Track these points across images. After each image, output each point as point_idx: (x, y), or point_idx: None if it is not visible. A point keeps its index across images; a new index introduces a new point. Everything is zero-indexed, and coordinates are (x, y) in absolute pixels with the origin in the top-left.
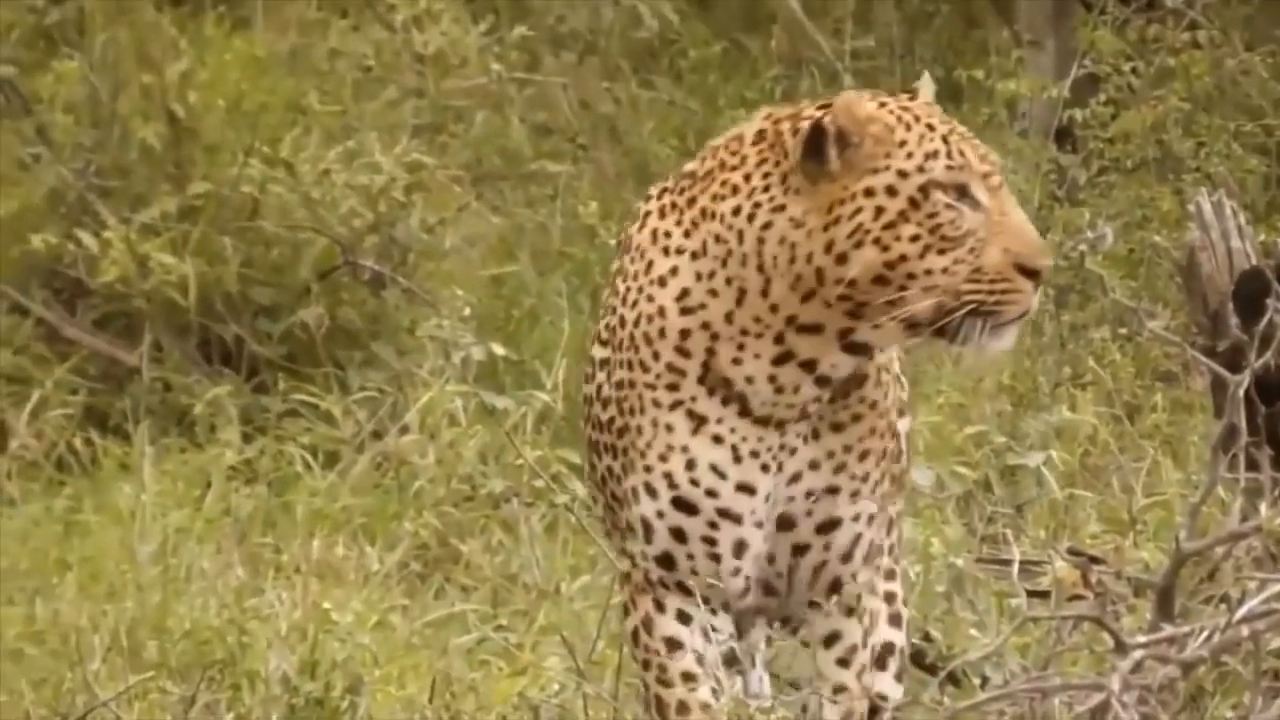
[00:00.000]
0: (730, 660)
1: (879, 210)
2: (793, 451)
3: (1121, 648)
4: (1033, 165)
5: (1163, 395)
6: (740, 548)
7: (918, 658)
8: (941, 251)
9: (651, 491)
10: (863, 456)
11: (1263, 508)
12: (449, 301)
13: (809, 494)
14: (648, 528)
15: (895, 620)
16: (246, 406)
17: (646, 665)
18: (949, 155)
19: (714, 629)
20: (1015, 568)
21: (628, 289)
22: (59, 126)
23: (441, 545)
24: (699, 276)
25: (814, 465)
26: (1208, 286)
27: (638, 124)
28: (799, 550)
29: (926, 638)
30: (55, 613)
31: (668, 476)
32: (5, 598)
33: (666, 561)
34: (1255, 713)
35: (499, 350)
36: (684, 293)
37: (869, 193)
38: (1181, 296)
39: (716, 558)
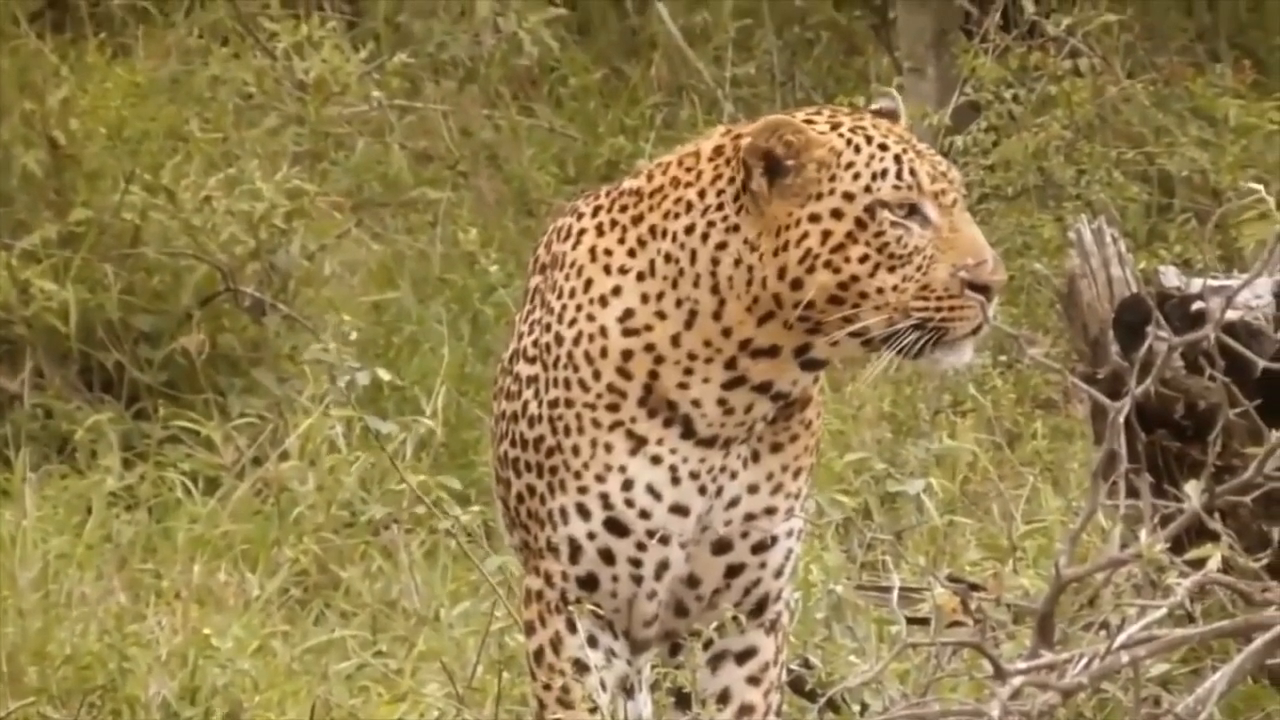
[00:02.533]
0: (624, 685)
1: (826, 234)
2: (733, 475)
3: (1001, 674)
4: None
5: (1043, 422)
6: (662, 569)
7: (797, 684)
8: (891, 269)
9: (584, 512)
10: (796, 474)
11: (1142, 534)
12: (332, 326)
13: (748, 517)
14: (575, 548)
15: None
16: (127, 433)
17: (548, 686)
18: (898, 175)
19: (614, 653)
20: (895, 594)
21: (564, 306)
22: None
23: (321, 571)
24: (645, 298)
25: (753, 489)
26: (1088, 314)
27: (518, 151)
28: (733, 571)
29: (806, 664)
30: None
31: (603, 497)
32: None
33: (589, 583)
34: None
35: (384, 375)
36: (627, 313)
37: (814, 218)
38: (1062, 324)
39: (638, 579)
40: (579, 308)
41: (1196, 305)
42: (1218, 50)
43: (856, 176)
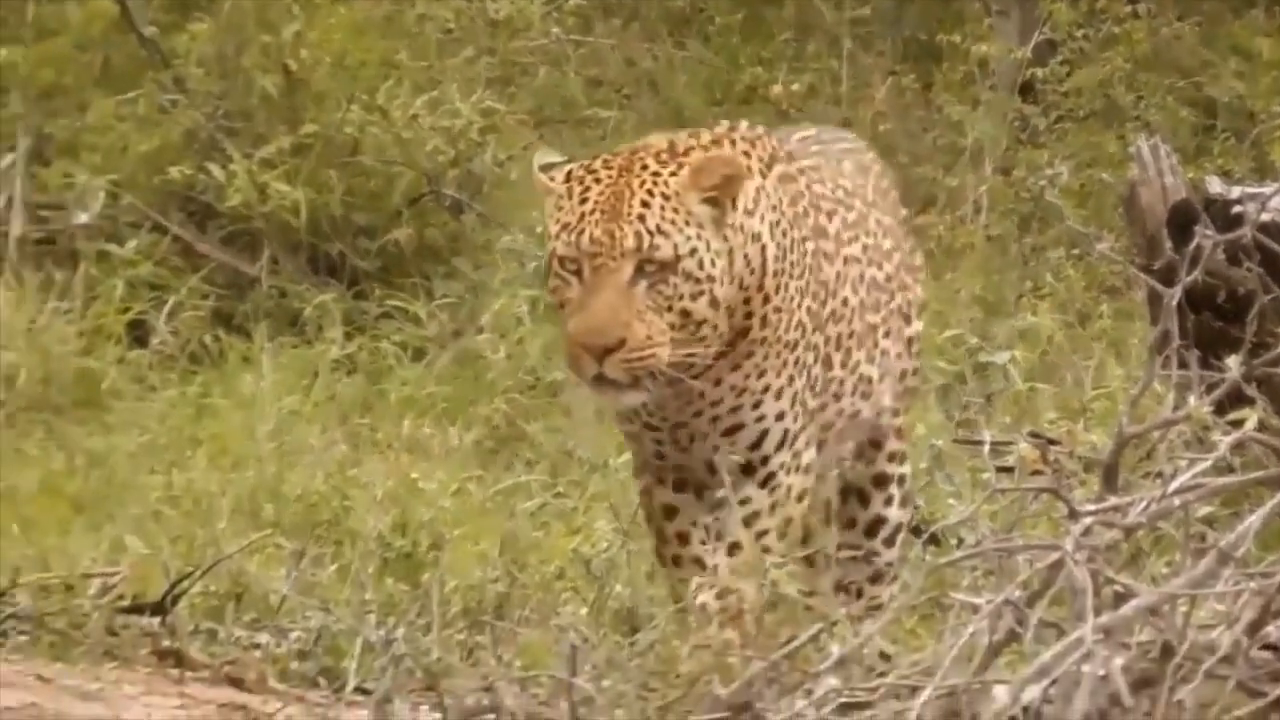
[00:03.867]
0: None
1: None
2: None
3: (1074, 515)
4: (1000, 115)
5: (1108, 305)
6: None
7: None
8: (560, 308)
9: None
10: (761, 374)
11: (1190, 399)
12: (519, 222)
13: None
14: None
15: (889, 501)
16: (348, 310)
17: (649, 520)
18: (567, 232)
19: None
20: (986, 448)
21: None
22: (192, 77)
23: (510, 426)
24: None
25: (717, 399)
26: (1146, 215)
27: (673, 78)
28: (714, 449)
29: (914, 505)
30: (189, 481)
31: None
32: (147, 468)
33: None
34: (1185, 569)
35: None
36: None
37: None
38: (1124, 224)
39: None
40: None
41: (1236, 209)
42: None
43: (555, 224)
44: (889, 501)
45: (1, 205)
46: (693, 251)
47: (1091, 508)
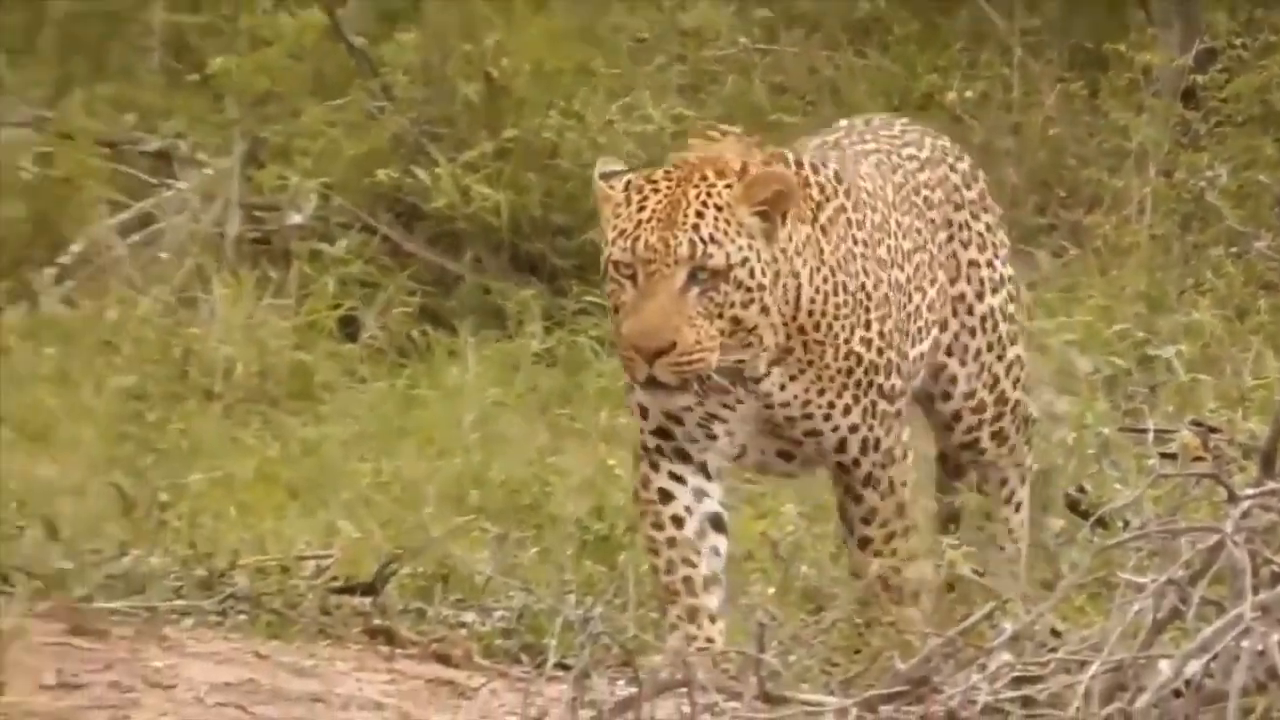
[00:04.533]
0: (716, 519)
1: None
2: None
3: (1233, 498)
4: (1163, 120)
5: (1266, 300)
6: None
7: (1074, 505)
8: (615, 312)
9: None
10: (821, 393)
11: None
12: None
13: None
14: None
15: (1021, 478)
16: (547, 306)
17: (644, 514)
18: (624, 238)
19: (704, 492)
20: (1150, 436)
21: None
22: (399, 85)
23: None
24: None
25: (785, 403)
26: None
27: (853, 85)
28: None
29: (1081, 490)
30: (397, 468)
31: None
32: (357, 456)
33: (663, 433)
34: None
35: None
36: None
37: None
38: None
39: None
40: None
41: None
42: None
43: (612, 231)
44: (1002, 474)
45: (219, 207)
46: (744, 261)
47: (1250, 492)
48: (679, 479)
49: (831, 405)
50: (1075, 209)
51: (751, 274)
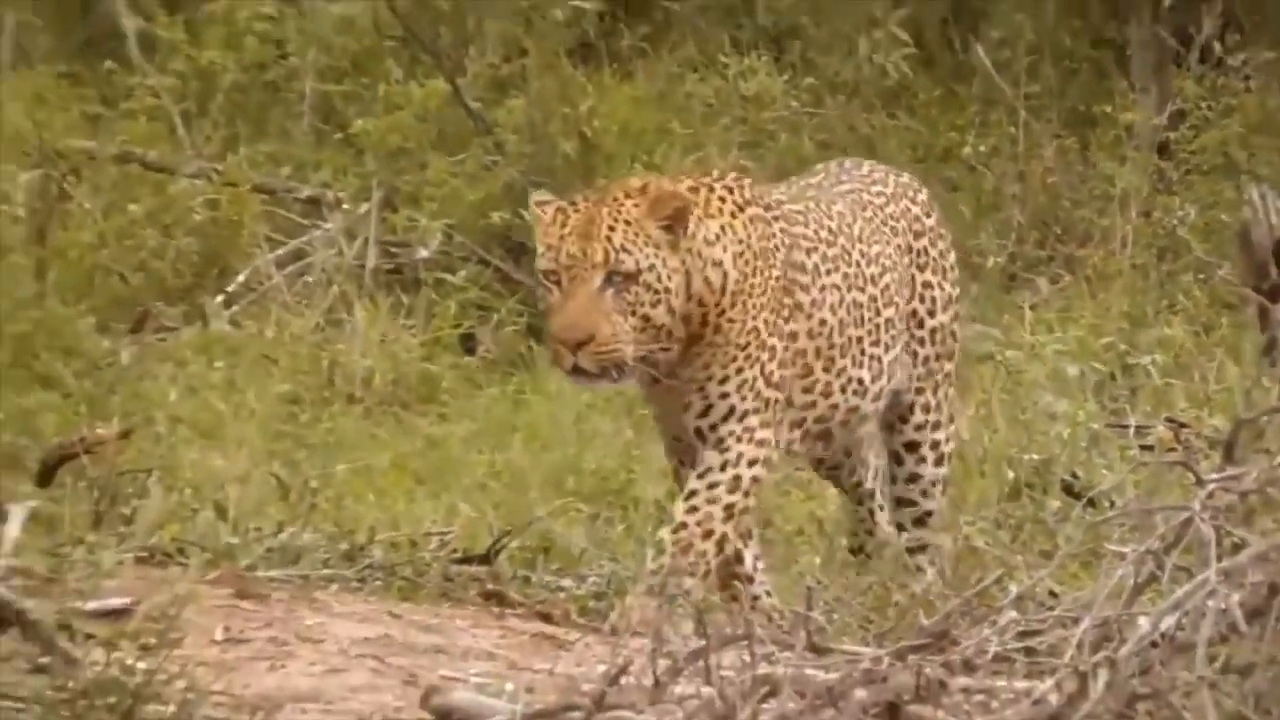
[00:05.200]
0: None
1: None
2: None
3: (1200, 482)
4: (1142, 169)
5: (1227, 318)
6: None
7: (1069, 489)
8: (547, 314)
9: None
10: (706, 366)
11: None
12: None
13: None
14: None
15: (921, 460)
16: None
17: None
18: (550, 250)
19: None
20: (1132, 430)
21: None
22: (509, 142)
23: None
24: None
25: (687, 381)
26: (1257, 247)
27: (885, 141)
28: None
29: (1074, 476)
30: (508, 460)
31: None
32: (475, 450)
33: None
34: None
35: None
36: None
37: None
38: (1239, 254)
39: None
40: None
41: None
42: None
43: (541, 244)
44: (921, 461)
45: (360, 244)
46: (651, 267)
47: (1215, 477)
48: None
49: (709, 378)
50: (1069, 243)
51: (658, 278)
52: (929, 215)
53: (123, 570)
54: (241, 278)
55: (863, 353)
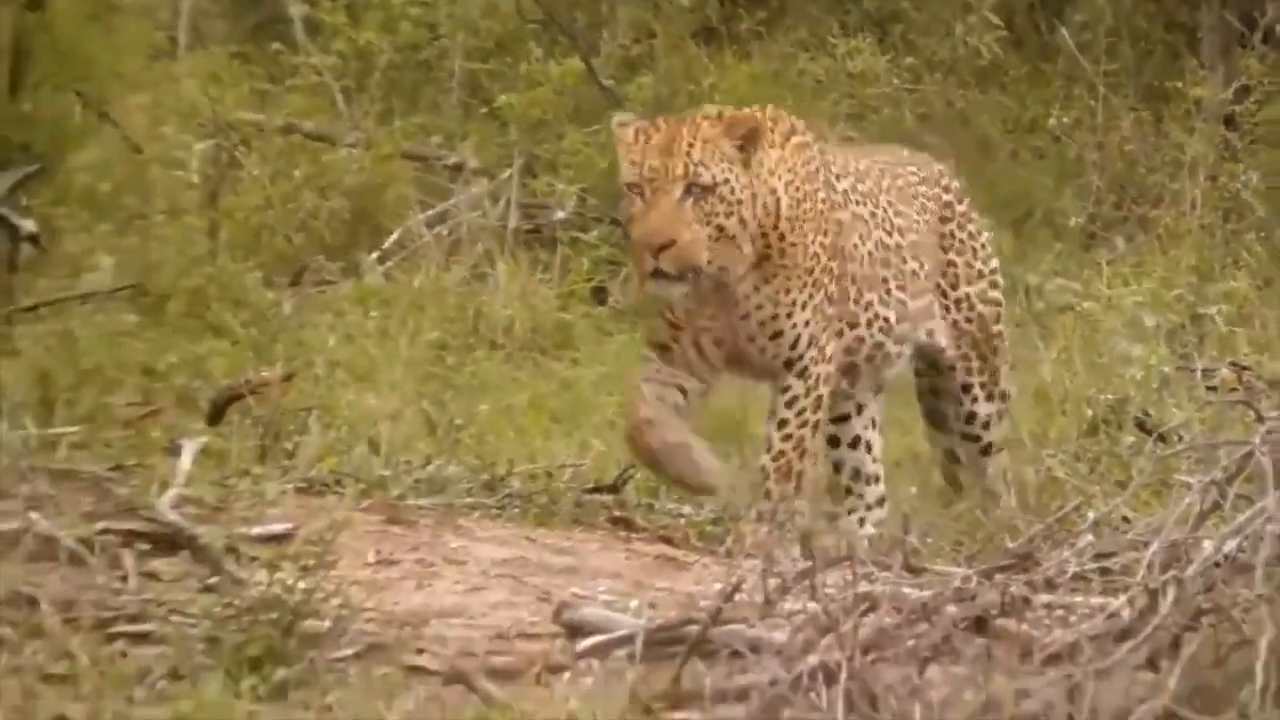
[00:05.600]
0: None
1: None
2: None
3: (1260, 419)
4: (1210, 139)
5: None
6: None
7: (1141, 425)
8: (629, 224)
9: None
10: (788, 291)
11: None
12: None
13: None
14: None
15: (974, 400)
16: None
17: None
18: (634, 165)
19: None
20: (1199, 373)
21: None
22: (639, 115)
23: None
24: None
25: (759, 306)
26: None
27: (978, 115)
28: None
29: (1147, 414)
30: None
31: None
32: (605, 391)
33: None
34: None
35: None
36: None
37: None
38: None
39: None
40: None
41: None
42: None
43: (624, 160)
44: (975, 400)
45: (503, 206)
46: (726, 181)
47: (1274, 414)
48: (662, 360)
49: (794, 303)
50: (1143, 205)
51: (732, 191)
52: (960, 202)
53: (284, 499)
54: (394, 236)
55: (889, 293)
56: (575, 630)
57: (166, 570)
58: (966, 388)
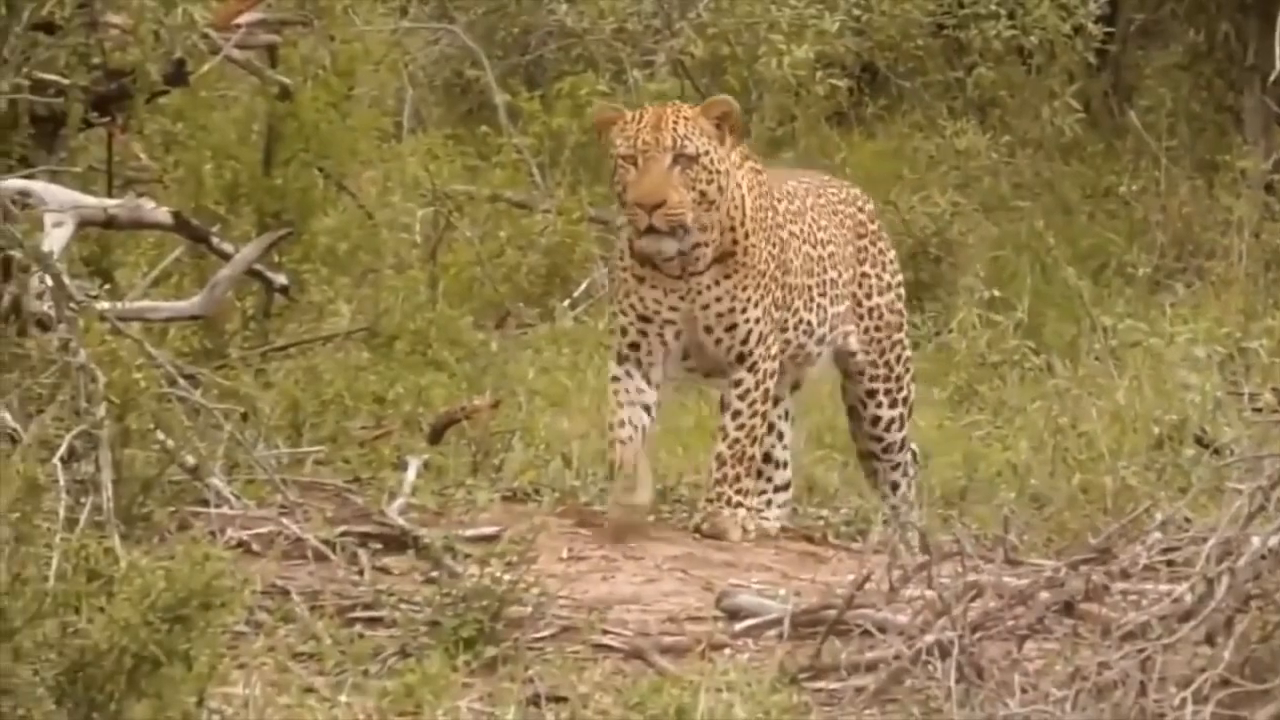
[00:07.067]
0: (648, 410)
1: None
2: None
3: None
4: (1253, 202)
5: None
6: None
7: (1199, 440)
8: (621, 193)
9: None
10: (744, 289)
11: None
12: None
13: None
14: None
15: (879, 405)
16: None
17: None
18: (627, 138)
19: (642, 390)
20: (1246, 397)
21: None
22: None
23: (969, 387)
24: None
25: (718, 298)
26: None
27: (1062, 182)
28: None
29: (1204, 430)
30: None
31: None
32: None
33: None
34: None
35: None
36: None
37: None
38: None
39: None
40: None
41: None
42: None
43: (617, 135)
44: (879, 405)
45: None
46: (706, 153)
47: None
48: (631, 377)
49: (749, 300)
50: (1199, 258)
51: (712, 161)
52: (873, 222)
53: (493, 506)
54: (583, 287)
55: (812, 300)
56: (733, 614)
57: (395, 565)
58: (871, 394)
